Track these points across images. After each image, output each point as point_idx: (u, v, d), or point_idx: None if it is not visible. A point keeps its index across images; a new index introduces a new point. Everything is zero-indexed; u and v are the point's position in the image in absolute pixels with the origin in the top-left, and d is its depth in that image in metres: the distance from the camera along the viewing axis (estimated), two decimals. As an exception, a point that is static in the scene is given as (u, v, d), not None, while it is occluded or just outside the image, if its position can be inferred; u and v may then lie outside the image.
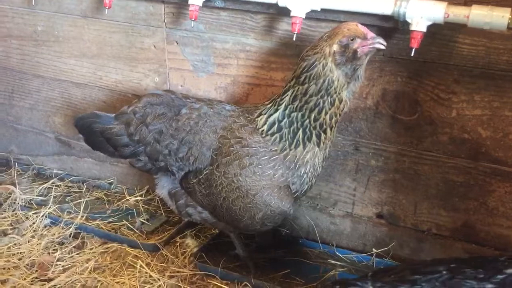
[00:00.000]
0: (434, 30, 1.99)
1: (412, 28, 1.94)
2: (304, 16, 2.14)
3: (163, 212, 2.88)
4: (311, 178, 2.18)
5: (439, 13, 1.89)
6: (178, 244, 2.64)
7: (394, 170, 2.36)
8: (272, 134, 2.12)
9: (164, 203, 2.83)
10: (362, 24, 2.06)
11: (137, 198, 3.00)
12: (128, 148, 2.32)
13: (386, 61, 2.20)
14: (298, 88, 2.04)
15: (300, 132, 2.08)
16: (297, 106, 2.06)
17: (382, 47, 1.95)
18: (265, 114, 2.14)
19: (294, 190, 2.16)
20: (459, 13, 1.86)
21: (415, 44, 1.96)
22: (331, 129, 2.09)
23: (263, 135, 2.13)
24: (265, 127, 2.13)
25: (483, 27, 1.85)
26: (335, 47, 1.95)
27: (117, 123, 2.31)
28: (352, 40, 1.93)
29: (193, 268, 2.46)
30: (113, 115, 2.33)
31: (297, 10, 2.12)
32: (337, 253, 2.56)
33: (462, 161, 2.21)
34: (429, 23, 1.93)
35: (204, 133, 2.22)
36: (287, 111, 2.09)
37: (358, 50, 1.94)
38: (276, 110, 2.11)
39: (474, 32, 1.99)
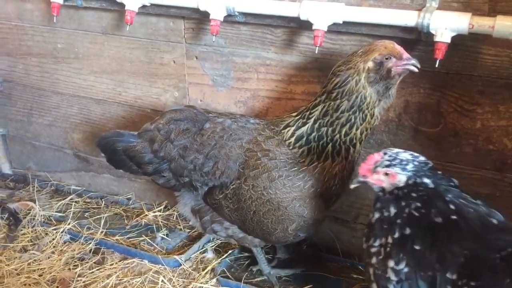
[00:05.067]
0: (457, 41, 1.98)
1: (437, 39, 1.93)
2: (326, 29, 2.14)
3: (182, 227, 2.87)
4: (339, 190, 2.15)
5: (463, 24, 1.89)
6: (199, 259, 2.62)
7: (417, 183, 2.34)
8: (300, 147, 2.10)
9: (184, 218, 2.83)
10: (384, 36, 2.06)
11: (155, 214, 2.99)
12: (152, 165, 2.30)
13: (408, 73, 2.19)
14: (330, 103, 2.02)
15: (330, 146, 2.06)
16: (327, 121, 2.04)
17: (415, 69, 1.93)
18: (293, 126, 2.13)
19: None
20: (484, 24, 1.86)
21: (439, 55, 1.95)
22: (360, 143, 2.08)
23: (290, 147, 2.12)
24: (292, 140, 2.11)
25: (508, 37, 1.84)
26: (370, 64, 1.94)
27: (141, 141, 2.29)
28: (387, 58, 1.92)
29: (215, 283, 2.43)
30: (136, 133, 2.32)
31: (319, 23, 2.12)
32: (360, 267, 2.52)
33: (488, 173, 2.18)
34: (453, 34, 1.92)
35: (229, 146, 2.20)
36: (316, 125, 2.07)
37: (392, 69, 1.92)
38: (305, 124, 2.09)
39: (497, 43, 1.98)
